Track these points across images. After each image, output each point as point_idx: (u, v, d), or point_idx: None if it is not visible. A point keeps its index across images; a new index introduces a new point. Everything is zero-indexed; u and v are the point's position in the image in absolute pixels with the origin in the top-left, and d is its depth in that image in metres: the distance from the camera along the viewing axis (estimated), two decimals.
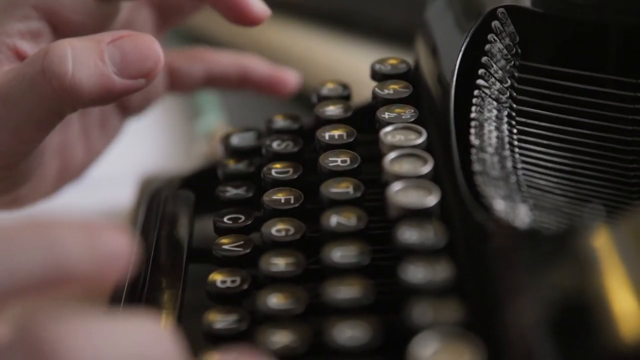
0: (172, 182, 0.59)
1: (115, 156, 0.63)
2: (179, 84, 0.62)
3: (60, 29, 0.52)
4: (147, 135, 0.69)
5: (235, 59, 0.62)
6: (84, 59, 0.48)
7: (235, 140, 0.56)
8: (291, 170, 0.51)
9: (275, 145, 0.53)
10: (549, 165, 0.48)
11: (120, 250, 0.35)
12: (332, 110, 0.53)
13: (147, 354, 0.34)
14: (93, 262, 0.34)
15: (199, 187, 0.58)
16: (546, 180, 0.47)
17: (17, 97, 0.48)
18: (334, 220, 0.45)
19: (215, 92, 0.79)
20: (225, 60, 0.62)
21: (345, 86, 0.55)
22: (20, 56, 0.51)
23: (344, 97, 0.55)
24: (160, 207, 0.55)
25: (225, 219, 0.51)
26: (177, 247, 0.52)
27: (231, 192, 0.53)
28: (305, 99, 0.75)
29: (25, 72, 0.48)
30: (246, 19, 0.53)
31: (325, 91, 0.55)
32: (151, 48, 0.49)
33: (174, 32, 0.73)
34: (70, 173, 0.58)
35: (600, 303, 0.34)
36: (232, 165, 0.55)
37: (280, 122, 0.55)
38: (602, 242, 0.36)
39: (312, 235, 0.48)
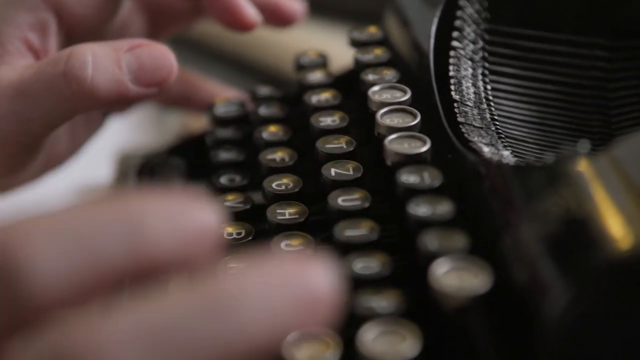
0: (159, 153, 0.62)
1: None
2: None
3: (66, 21, 0.54)
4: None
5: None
6: (103, 65, 0.51)
7: (221, 109, 0.60)
8: (281, 132, 0.55)
9: (262, 110, 0.57)
10: (521, 117, 0.53)
11: (207, 227, 0.32)
12: (315, 76, 0.57)
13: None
14: (179, 244, 0.31)
15: (187, 155, 0.61)
16: (519, 130, 0.52)
17: (36, 94, 0.51)
18: (333, 171, 0.49)
19: None
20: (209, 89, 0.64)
21: (323, 55, 0.60)
22: (30, 48, 0.53)
23: (323, 65, 0.59)
24: (153, 174, 0.59)
25: (221, 180, 0.55)
26: None
27: (223, 155, 0.57)
28: (270, 78, 0.79)
29: (47, 72, 0.51)
30: (239, 24, 0.56)
31: (305, 60, 0.59)
32: (166, 58, 0.52)
33: None
34: (53, 164, 0.60)
35: (593, 220, 0.39)
36: (221, 132, 0.58)
37: (264, 90, 0.59)
38: (586, 169, 0.41)
39: (308, 190, 0.52)
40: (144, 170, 0.60)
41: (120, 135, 0.74)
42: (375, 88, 0.52)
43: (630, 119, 0.53)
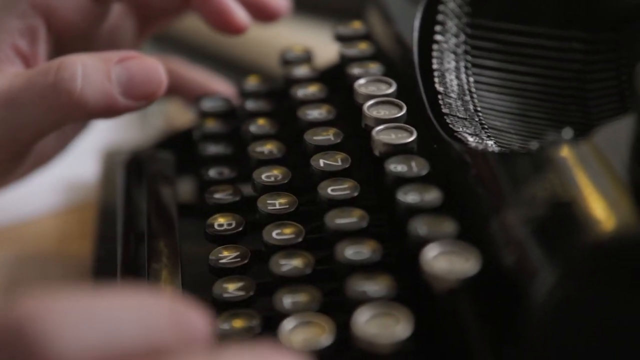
0: (146, 148, 0.63)
1: None
2: None
3: (55, 27, 0.55)
4: None
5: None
6: (92, 77, 0.51)
7: (208, 104, 0.61)
8: (269, 126, 0.56)
9: (250, 104, 0.58)
10: (503, 108, 0.54)
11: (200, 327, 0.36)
12: (301, 71, 0.58)
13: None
14: (178, 337, 0.35)
15: (174, 149, 0.62)
16: (501, 121, 0.54)
17: (25, 104, 0.51)
18: (321, 162, 0.50)
19: None
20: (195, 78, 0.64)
21: (308, 50, 0.61)
22: (19, 53, 0.54)
23: (308, 60, 0.60)
24: (143, 168, 0.60)
25: (210, 173, 0.56)
26: (167, 203, 0.56)
27: (211, 149, 0.58)
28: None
29: (36, 82, 0.51)
30: (229, 27, 0.57)
31: (291, 55, 0.60)
32: (156, 72, 0.53)
33: None
34: (40, 164, 0.61)
35: (578, 204, 0.41)
36: (208, 126, 0.59)
37: (251, 84, 0.60)
38: (569, 155, 0.43)
39: (297, 182, 0.53)
40: (132, 165, 0.61)
41: (105, 132, 0.74)
42: (361, 81, 0.53)
43: (608, 109, 0.55)
